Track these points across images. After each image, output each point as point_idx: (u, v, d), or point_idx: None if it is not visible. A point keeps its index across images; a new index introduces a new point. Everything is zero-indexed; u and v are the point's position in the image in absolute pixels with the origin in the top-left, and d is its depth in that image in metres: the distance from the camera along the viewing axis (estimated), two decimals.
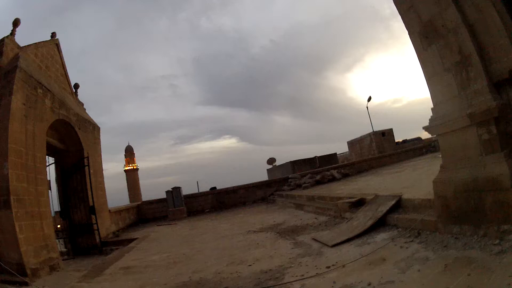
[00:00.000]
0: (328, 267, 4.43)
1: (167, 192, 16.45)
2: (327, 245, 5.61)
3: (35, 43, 9.82)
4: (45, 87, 8.82)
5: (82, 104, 13.27)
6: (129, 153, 60.77)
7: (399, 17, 5.02)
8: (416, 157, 18.77)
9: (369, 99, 29.53)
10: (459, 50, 4.04)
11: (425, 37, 4.57)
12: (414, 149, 21.34)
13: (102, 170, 13.25)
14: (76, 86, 13.03)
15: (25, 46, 8.97)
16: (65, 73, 12.07)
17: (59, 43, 11.58)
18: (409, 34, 4.90)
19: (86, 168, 10.99)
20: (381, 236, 5.27)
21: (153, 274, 5.78)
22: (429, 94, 4.80)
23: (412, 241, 4.55)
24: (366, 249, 4.87)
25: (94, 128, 13.09)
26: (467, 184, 3.96)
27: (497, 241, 3.40)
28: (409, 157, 19.17)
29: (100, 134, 13.69)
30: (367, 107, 28.82)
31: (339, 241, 5.64)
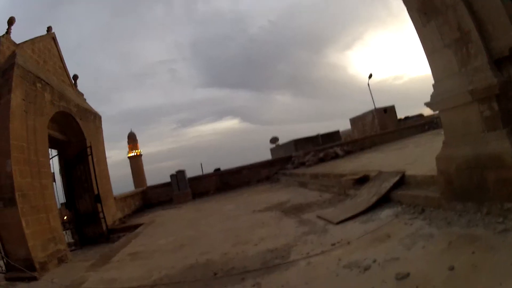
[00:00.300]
0: (333, 245, 4.53)
1: (171, 176, 16.51)
2: (332, 223, 5.69)
3: (31, 39, 9.72)
4: (44, 81, 8.80)
5: (82, 95, 13.22)
6: (132, 139, 61.01)
7: None
8: (418, 134, 18.72)
9: (370, 76, 29.25)
10: (458, 27, 3.98)
11: (423, 13, 4.49)
12: (416, 125, 21.28)
13: (106, 158, 13.32)
14: (75, 77, 12.98)
15: (21, 43, 8.89)
16: (63, 66, 11.98)
17: (55, 36, 11.44)
18: (407, 10, 4.81)
19: (89, 157, 11.04)
20: (385, 213, 5.33)
21: (160, 258, 5.90)
22: (430, 70, 4.77)
23: (416, 217, 4.61)
24: (371, 226, 4.95)
25: (95, 117, 13.08)
26: (469, 161, 3.98)
27: (501, 219, 3.43)
28: (411, 133, 19.12)
29: (102, 122, 13.67)
30: (368, 84, 28.58)
31: (343, 218, 5.71)
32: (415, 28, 4.75)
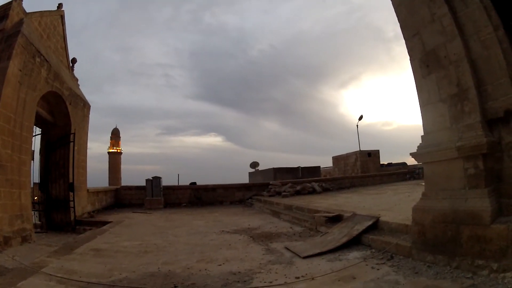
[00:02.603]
0: (297, 278, 4.40)
1: (147, 180, 16.28)
2: (299, 256, 5.58)
3: (41, 11, 9.67)
4: (43, 56, 8.66)
5: (77, 80, 13.03)
6: (115, 135, 60.19)
7: (402, 41, 5.07)
8: (398, 182, 18.98)
9: (361, 117, 29.85)
10: (458, 83, 4.09)
11: (426, 65, 4.61)
12: (398, 173, 21.60)
13: (86, 148, 13.07)
14: (74, 60, 12.80)
15: (30, 13, 8.82)
16: (65, 46, 11.87)
17: (64, 15, 11.41)
18: (410, 60, 4.95)
19: (71, 144, 10.79)
20: (353, 255, 5.27)
21: (122, 260, 5.69)
22: (421, 121, 4.84)
23: (384, 263, 4.55)
24: (337, 265, 4.86)
25: (84, 105, 12.86)
26: (446, 215, 4.00)
27: (470, 275, 3.44)
28: (391, 180, 19.39)
29: (90, 112, 13.47)
30: (357, 125, 29.09)
31: (311, 253, 5.61)
32: (414, 78, 4.86)
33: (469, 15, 3.99)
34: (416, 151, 4.82)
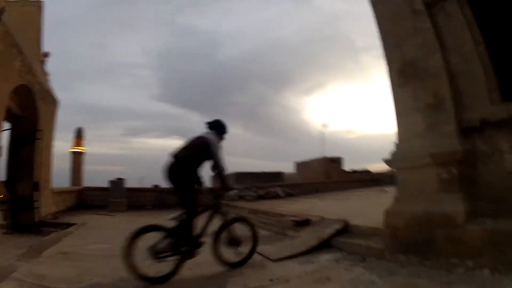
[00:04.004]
0: (271, 280, 4.38)
1: (110, 181, 15.79)
2: (269, 259, 5.56)
3: (22, 0, 9.12)
4: (19, 48, 8.16)
5: (48, 75, 12.38)
6: (79, 134, 57.70)
7: (371, 51, 5.29)
8: (362, 188, 19.57)
9: (326, 125, 30.57)
10: (435, 94, 4.33)
11: (403, 76, 4.82)
12: (361, 180, 22.27)
13: (52, 147, 12.36)
14: (47, 54, 12.15)
15: (12, 1, 8.39)
16: (40, 39, 11.28)
17: (43, 6, 10.82)
18: (388, 70, 5.14)
19: (38, 141, 10.23)
20: (325, 257, 5.32)
21: (92, 263, 5.41)
22: (396, 129, 5.03)
23: (356, 265, 4.64)
24: (310, 267, 4.89)
25: (53, 102, 12.20)
26: (420, 218, 4.19)
27: (445, 273, 3.62)
28: (355, 187, 19.97)
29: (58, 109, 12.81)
30: (322, 133, 29.72)
31: (282, 256, 5.61)
32: (391, 88, 5.05)
33: (452, 30, 4.26)
34: (389, 157, 4.99)
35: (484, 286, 3.22)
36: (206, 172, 5.02)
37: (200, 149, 4.74)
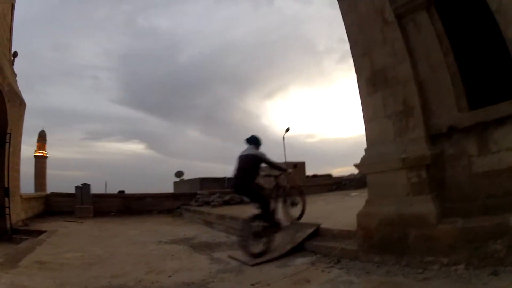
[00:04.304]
0: (252, 285, 4.43)
1: (76, 187, 15.20)
2: (246, 264, 5.61)
3: None
4: None
5: (15, 75, 11.65)
6: (42, 138, 54.83)
7: (332, 55, 5.60)
8: (325, 192, 19.90)
9: (287, 130, 30.96)
10: (404, 101, 4.59)
11: (372, 84, 5.07)
12: (324, 184, 22.63)
13: (20, 150, 11.72)
14: (15, 54, 11.36)
15: None
16: (10, 38, 10.61)
17: (15, 4, 10.20)
18: (357, 78, 5.39)
19: (7, 145, 9.70)
20: (300, 260, 5.44)
21: (70, 273, 5.20)
22: (365, 135, 5.28)
23: (332, 266, 4.78)
24: (288, 270, 4.99)
25: (21, 104, 11.45)
26: (392, 219, 4.41)
27: (421, 270, 3.83)
28: (318, 191, 20.24)
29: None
30: (283, 137, 30.06)
31: (258, 261, 5.67)
32: (360, 95, 5.30)
33: (421, 41, 4.56)
34: (359, 162, 5.24)
35: (460, 280, 3.46)
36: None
37: (252, 164, 6.40)
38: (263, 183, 6.91)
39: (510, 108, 3.76)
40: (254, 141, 6.74)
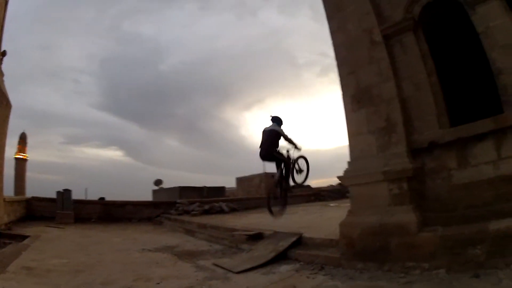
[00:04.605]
0: None
1: (57, 192, 14.78)
2: (232, 271, 5.71)
3: None
4: None
5: (3, 75, 11.35)
6: (23, 140, 52.78)
7: (312, 68, 5.93)
8: (304, 203, 20.07)
9: None
10: (387, 118, 4.91)
11: (357, 101, 5.38)
12: (303, 195, 22.81)
13: (4, 152, 11.32)
14: (4, 53, 10.87)
15: None
16: (1, 37, 10.32)
17: (8, 1, 9.97)
18: (342, 94, 5.68)
19: None
20: (284, 268, 5.61)
21: (58, 280, 5.13)
22: (349, 149, 5.57)
23: (317, 273, 4.97)
24: (273, 277, 5.15)
25: (6, 105, 11.01)
26: (374, 228, 4.68)
27: (403, 275, 4.09)
28: (297, 202, 20.38)
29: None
30: None
31: (243, 268, 5.80)
32: (345, 111, 5.59)
33: (407, 61, 4.91)
34: (343, 174, 5.52)
35: (442, 282, 3.73)
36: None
37: (274, 137, 7.93)
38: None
39: (490, 125, 4.15)
40: (277, 120, 8.22)
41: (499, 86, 4.18)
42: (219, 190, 23.74)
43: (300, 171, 8.45)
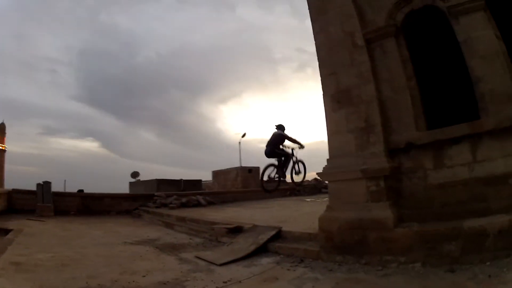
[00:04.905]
0: (225, 282, 4.73)
1: (38, 184, 14.33)
2: (214, 264, 5.86)
3: None
4: None
5: None
6: (2, 131, 50.48)
7: (289, 63, 6.11)
8: (280, 197, 20.26)
9: (244, 135, 31.30)
10: (366, 119, 5.17)
11: (337, 101, 5.60)
12: (279, 190, 22.98)
13: None
14: None
15: None
16: None
17: None
18: (323, 94, 5.89)
19: None
20: (265, 260, 5.81)
21: (46, 275, 5.10)
22: (328, 147, 5.80)
23: (297, 265, 5.20)
24: (255, 269, 5.34)
25: None
26: (352, 223, 4.95)
27: (380, 268, 4.39)
28: (274, 196, 20.59)
29: None
30: (239, 142, 30.39)
31: (226, 261, 5.97)
32: (325, 111, 5.81)
33: (387, 65, 5.17)
34: (322, 171, 5.77)
35: (418, 276, 4.03)
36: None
37: (278, 139, 9.58)
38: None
39: (465, 130, 4.50)
40: (281, 127, 9.77)
41: (477, 93, 4.52)
42: (196, 183, 23.74)
43: (298, 172, 9.95)
